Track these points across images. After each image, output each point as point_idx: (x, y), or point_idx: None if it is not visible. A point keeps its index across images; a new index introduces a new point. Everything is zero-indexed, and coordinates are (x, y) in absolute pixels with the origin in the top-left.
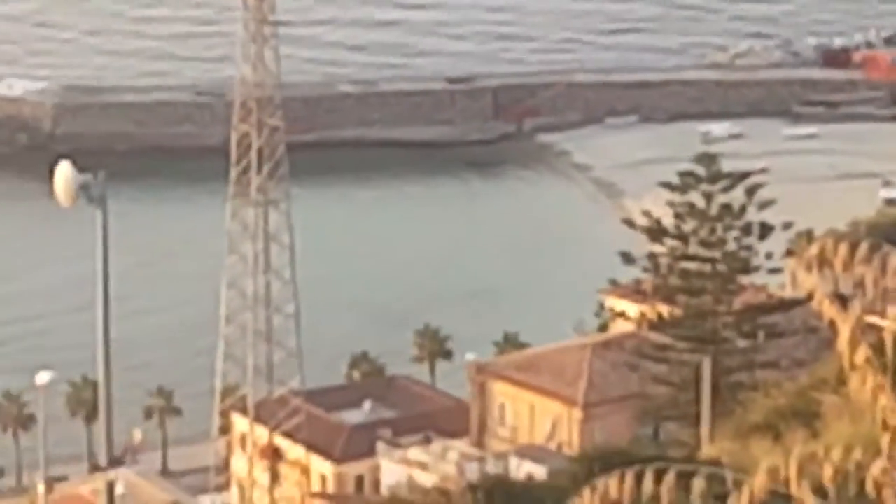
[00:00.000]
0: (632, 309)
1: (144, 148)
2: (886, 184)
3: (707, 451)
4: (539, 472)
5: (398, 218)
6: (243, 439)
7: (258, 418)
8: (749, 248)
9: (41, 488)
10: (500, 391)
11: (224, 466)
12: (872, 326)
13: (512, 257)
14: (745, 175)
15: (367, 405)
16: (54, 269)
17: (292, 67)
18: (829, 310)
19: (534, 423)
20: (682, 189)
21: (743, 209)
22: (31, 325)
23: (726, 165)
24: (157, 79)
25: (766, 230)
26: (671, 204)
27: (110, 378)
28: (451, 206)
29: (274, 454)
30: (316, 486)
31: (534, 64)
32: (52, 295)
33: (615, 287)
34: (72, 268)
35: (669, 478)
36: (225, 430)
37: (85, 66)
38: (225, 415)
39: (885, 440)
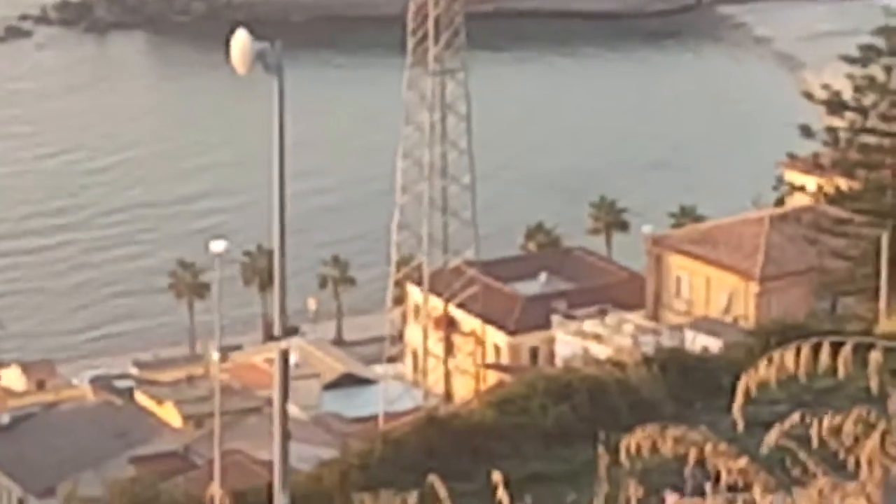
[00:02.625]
0: (810, 182)
1: (321, 18)
2: None
3: (885, 325)
4: (714, 344)
5: (575, 89)
6: (418, 310)
7: (433, 289)
8: None
9: (215, 357)
10: (677, 264)
11: (398, 337)
12: None
13: (689, 129)
14: None
15: (542, 277)
16: (232, 140)
17: None
18: None
19: (709, 296)
20: (863, 62)
21: None
22: (206, 196)
23: None
24: None
25: None
26: (851, 77)
27: (285, 247)
28: (628, 76)
29: (448, 325)
30: (490, 357)
31: None
32: (229, 166)
33: (794, 160)
34: (249, 140)
35: (846, 351)
36: (399, 300)
37: None
38: (400, 285)
39: None
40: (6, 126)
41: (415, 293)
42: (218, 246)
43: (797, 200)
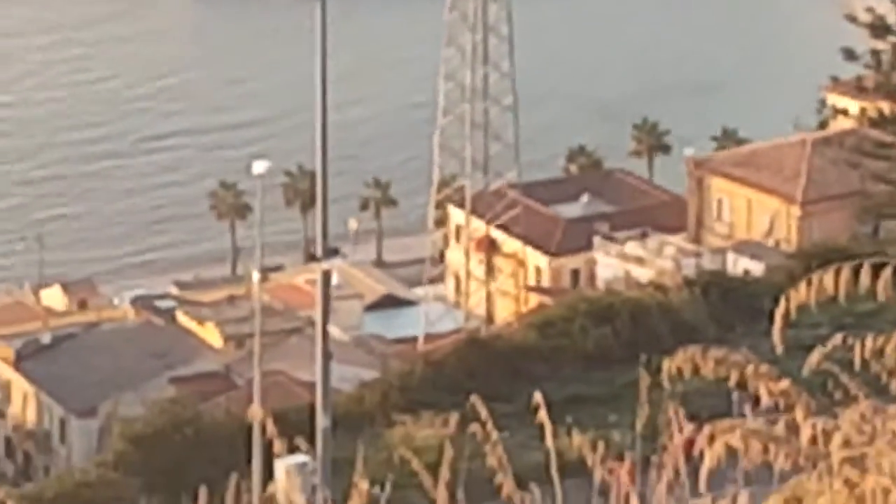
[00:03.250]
0: (853, 106)
1: None
2: None
3: None
4: (755, 267)
5: (618, 13)
6: (459, 231)
7: (474, 210)
8: None
9: (256, 277)
10: (718, 186)
11: (439, 258)
12: None
13: (732, 52)
14: None
15: (583, 199)
16: (276, 66)
17: None
18: None
19: (751, 219)
20: None
21: None
22: (248, 121)
23: None
24: None
25: None
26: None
27: (327, 168)
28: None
29: (490, 246)
30: (531, 279)
31: None
32: (272, 92)
33: (836, 83)
34: (292, 66)
35: (887, 273)
36: (441, 222)
37: None
38: (441, 206)
39: None
40: (51, 52)
41: (456, 215)
42: (259, 166)
43: (839, 124)
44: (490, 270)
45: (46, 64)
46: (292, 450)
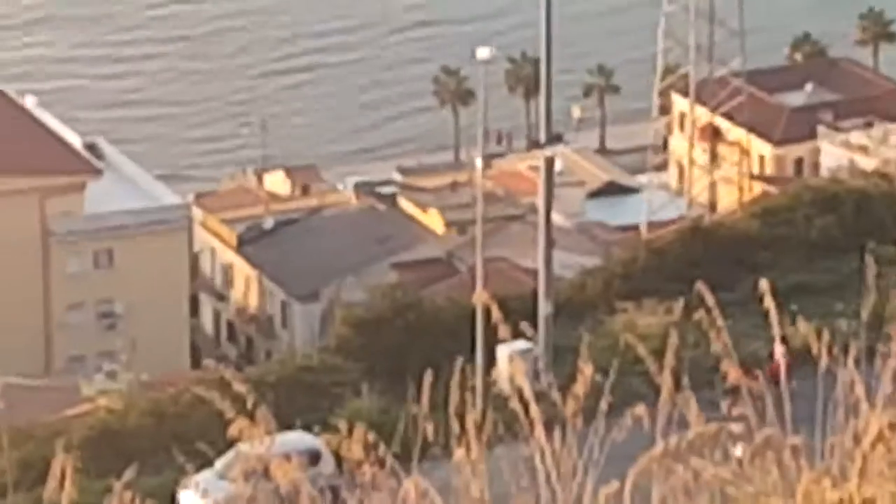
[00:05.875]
0: None
1: None
2: None
3: None
4: None
5: None
6: (682, 119)
7: (698, 98)
8: None
9: (479, 164)
10: None
11: (663, 146)
12: None
13: None
14: None
15: (808, 87)
16: None
17: None
18: None
19: None
20: None
21: None
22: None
23: None
24: None
25: None
26: None
27: (551, 54)
28: None
29: (713, 135)
30: (755, 168)
31: None
32: None
33: None
34: None
35: None
36: (664, 109)
37: None
38: (665, 94)
39: None
40: None
41: (680, 102)
42: (483, 52)
43: None
44: (713, 158)
45: None
46: (516, 335)
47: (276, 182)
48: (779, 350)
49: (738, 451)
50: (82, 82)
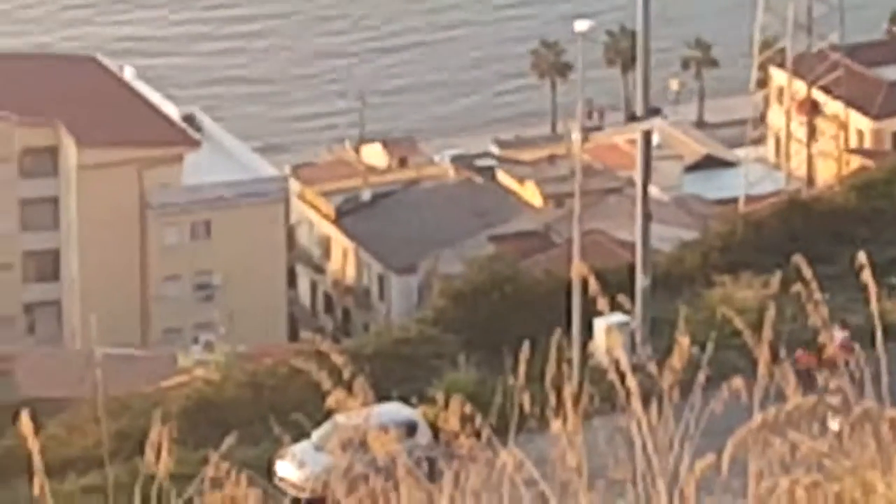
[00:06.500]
0: None
1: None
2: None
3: None
4: None
5: None
6: (781, 93)
7: (797, 72)
8: None
9: (576, 137)
10: None
11: (761, 120)
12: None
13: None
14: None
15: None
16: None
17: None
18: None
19: None
20: None
21: None
22: None
23: None
24: None
25: None
26: None
27: (649, 28)
28: None
29: (812, 108)
30: (853, 142)
31: None
32: None
33: None
34: None
35: None
36: (763, 83)
37: None
38: (763, 68)
39: None
40: None
41: (778, 76)
42: (581, 25)
43: None
44: (811, 132)
45: None
46: (613, 308)
47: (374, 154)
48: (838, 335)
49: (835, 424)
50: (184, 60)
